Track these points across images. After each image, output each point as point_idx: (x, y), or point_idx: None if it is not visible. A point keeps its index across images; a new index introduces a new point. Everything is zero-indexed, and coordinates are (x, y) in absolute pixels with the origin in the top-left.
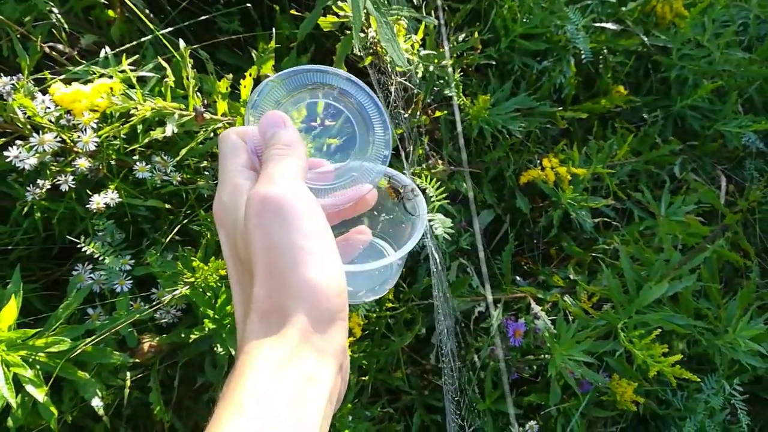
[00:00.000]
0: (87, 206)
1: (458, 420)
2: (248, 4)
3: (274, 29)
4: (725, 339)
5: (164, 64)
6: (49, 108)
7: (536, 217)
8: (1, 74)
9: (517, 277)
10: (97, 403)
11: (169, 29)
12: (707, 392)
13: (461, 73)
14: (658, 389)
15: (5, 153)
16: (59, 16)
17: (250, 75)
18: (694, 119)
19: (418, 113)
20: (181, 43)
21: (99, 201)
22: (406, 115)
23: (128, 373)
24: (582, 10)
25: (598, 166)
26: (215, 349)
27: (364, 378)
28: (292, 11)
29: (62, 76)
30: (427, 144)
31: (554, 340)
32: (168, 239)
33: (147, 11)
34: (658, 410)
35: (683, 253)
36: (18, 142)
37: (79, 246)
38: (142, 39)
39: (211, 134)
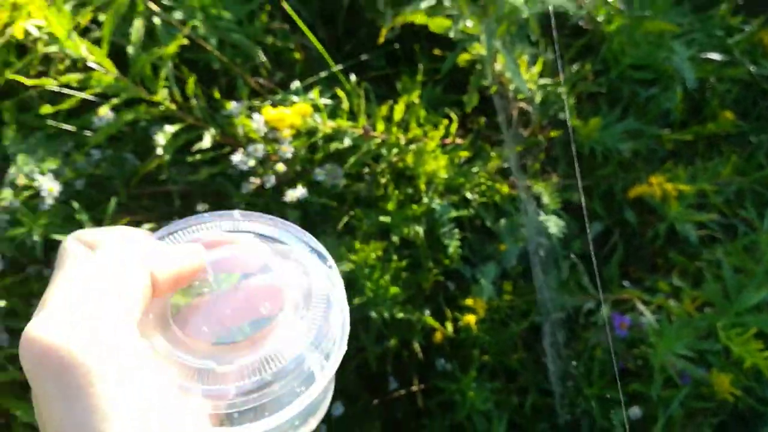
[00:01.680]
0: (282, 200)
1: (567, 403)
2: (396, 45)
3: (421, 65)
4: None
5: (340, 93)
6: (259, 126)
7: (643, 231)
8: (232, 101)
9: (625, 282)
10: None
11: (340, 66)
12: None
13: (575, 100)
14: (756, 386)
15: (232, 157)
16: (262, 58)
17: (404, 102)
18: None
19: (536, 133)
20: (352, 77)
21: (293, 195)
22: (525, 134)
23: None
24: (688, 43)
25: (703, 183)
26: (371, 315)
27: (485, 357)
28: (435, 51)
29: (269, 102)
30: (543, 160)
31: (658, 335)
32: (337, 228)
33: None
34: (756, 406)
35: None
36: (239, 150)
37: None
38: (321, 74)
39: (373, 146)
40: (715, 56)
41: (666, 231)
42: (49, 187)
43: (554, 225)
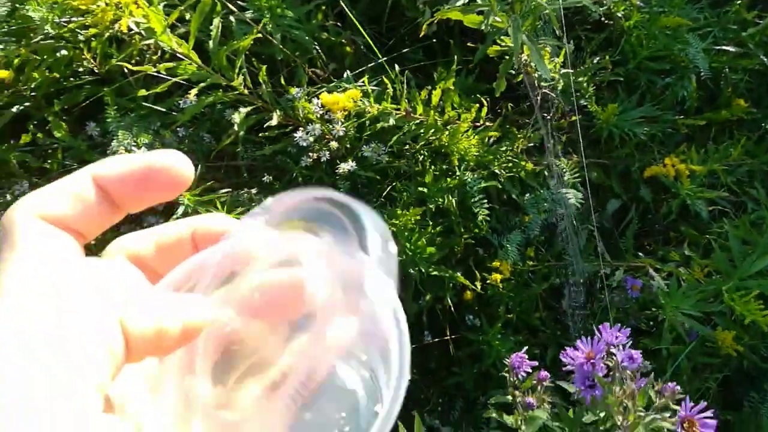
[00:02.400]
0: (334, 172)
1: None
2: (433, 39)
3: (455, 56)
4: None
5: (385, 80)
6: (316, 108)
7: (658, 208)
8: (294, 87)
9: (639, 254)
10: None
11: (385, 58)
12: None
13: (594, 88)
14: (758, 344)
15: (294, 134)
16: (318, 51)
17: (440, 88)
18: None
19: (558, 117)
20: (396, 67)
21: (344, 167)
22: (548, 117)
23: None
24: (703, 36)
25: (714, 164)
26: (410, 272)
27: (509, 315)
28: (468, 44)
29: (324, 89)
30: (565, 141)
31: (667, 296)
32: (377, 199)
33: (371, 47)
34: (759, 363)
35: None
36: (300, 129)
37: None
38: (368, 65)
39: (412, 127)
40: (729, 48)
41: (678, 207)
42: None
43: (573, 197)
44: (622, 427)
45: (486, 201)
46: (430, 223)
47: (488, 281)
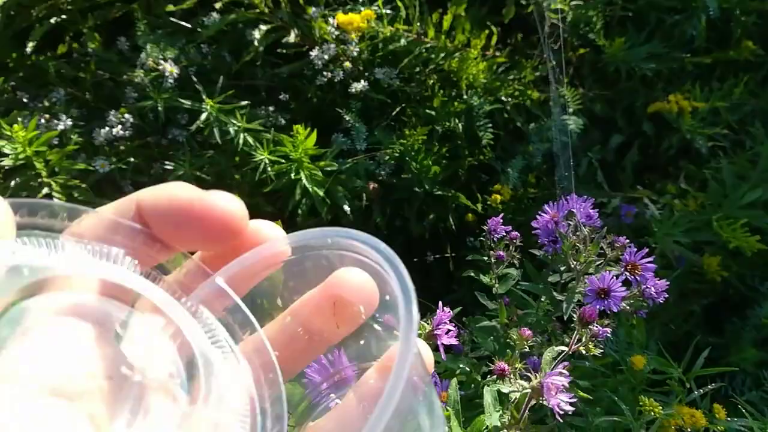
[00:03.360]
0: (347, 92)
1: None
2: None
3: None
4: None
5: (399, 3)
6: (332, 29)
7: (660, 143)
8: (311, 6)
9: (639, 186)
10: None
11: None
12: None
13: (603, 22)
14: (744, 272)
15: (310, 53)
16: None
17: (452, 13)
18: None
19: (566, 50)
20: None
21: (357, 87)
22: (556, 48)
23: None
24: None
25: (716, 101)
26: (415, 189)
27: None
28: None
29: (340, 10)
30: (572, 74)
31: (659, 223)
32: (387, 121)
33: None
34: (743, 290)
35: None
36: (315, 49)
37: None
38: None
39: (423, 51)
40: None
41: (679, 143)
42: (170, 69)
43: (574, 123)
44: (575, 270)
45: (492, 127)
46: (437, 145)
47: (488, 202)
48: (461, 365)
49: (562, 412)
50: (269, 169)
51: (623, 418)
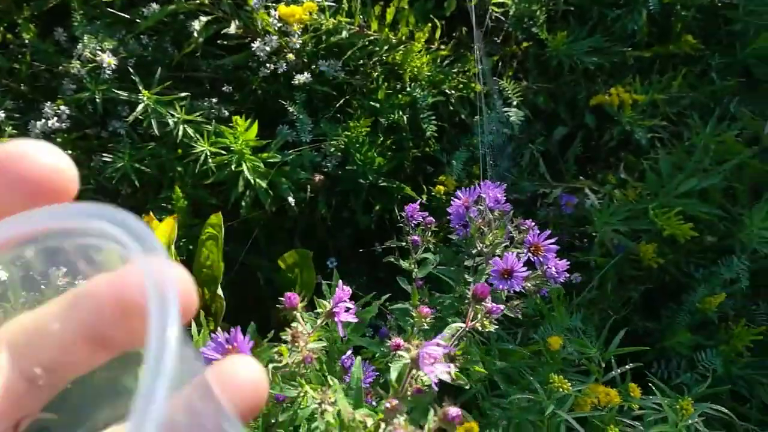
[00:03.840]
0: (291, 84)
1: None
2: None
3: None
4: (744, 232)
5: None
6: (274, 20)
7: (602, 135)
8: None
9: (581, 177)
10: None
11: None
12: (723, 269)
13: (546, 16)
14: (681, 259)
15: (252, 44)
16: None
17: (395, 5)
18: (757, 67)
19: (511, 44)
20: None
21: (300, 79)
22: (499, 41)
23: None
24: None
25: (655, 94)
26: (360, 181)
27: None
28: None
29: (283, 1)
30: (516, 68)
31: (599, 212)
32: (332, 113)
33: None
34: (678, 276)
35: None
36: (257, 41)
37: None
38: None
39: (366, 43)
40: None
41: (620, 135)
42: (108, 60)
43: (515, 115)
44: (483, 253)
45: (435, 119)
46: (381, 137)
47: (433, 193)
48: (383, 349)
49: (437, 381)
50: (210, 161)
51: (536, 396)
